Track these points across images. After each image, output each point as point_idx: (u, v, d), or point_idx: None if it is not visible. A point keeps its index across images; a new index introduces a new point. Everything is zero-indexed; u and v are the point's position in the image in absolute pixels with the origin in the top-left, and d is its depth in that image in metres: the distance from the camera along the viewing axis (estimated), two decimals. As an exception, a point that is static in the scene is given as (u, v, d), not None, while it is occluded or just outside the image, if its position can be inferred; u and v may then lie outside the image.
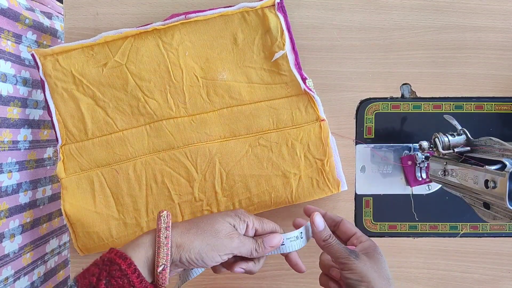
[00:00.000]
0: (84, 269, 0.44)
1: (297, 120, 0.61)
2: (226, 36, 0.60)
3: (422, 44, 0.63)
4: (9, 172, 0.62)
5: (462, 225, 0.65)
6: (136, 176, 0.61)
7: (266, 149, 0.61)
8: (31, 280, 0.67)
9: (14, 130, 0.63)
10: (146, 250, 0.45)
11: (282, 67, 0.60)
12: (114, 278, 0.41)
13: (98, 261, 0.44)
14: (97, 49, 0.60)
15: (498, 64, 0.63)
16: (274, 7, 0.59)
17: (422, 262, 0.65)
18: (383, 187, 0.65)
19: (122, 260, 0.42)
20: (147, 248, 0.45)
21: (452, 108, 0.64)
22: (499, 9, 0.63)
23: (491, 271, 0.65)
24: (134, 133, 0.61)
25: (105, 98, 0.61)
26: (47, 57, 0.60)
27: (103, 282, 0.41)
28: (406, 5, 0.63)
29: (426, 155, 0.63)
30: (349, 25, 0.63)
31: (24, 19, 0.63)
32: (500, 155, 0.52)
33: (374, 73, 0.64)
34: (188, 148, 0.61)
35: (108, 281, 0.41)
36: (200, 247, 0.46)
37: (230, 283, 0.65)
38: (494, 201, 0.50)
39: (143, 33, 0.59)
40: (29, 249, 0.67)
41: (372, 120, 0.64)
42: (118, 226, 0.62)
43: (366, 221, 0.65)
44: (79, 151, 0.61)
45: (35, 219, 0.69)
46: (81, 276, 0.43)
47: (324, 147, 0.61)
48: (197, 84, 0.60)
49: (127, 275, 0.42)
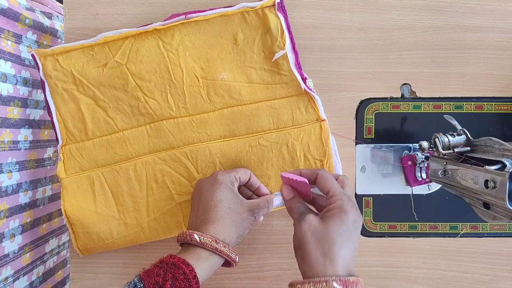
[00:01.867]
0: (147, 269, 0.49)
1: (298, 120, 0.61)
2: (226, 36, 0.60)
3: (422, 44, 0.63)
4: (9, 172, 0.62)
5: (462, 225, 0.65)
6: (136, 176, 0.61)
7: (266, 149, 0.61)
8: (30, 280, 0.67)
9: (15, 130, 0.63)
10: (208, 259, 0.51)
11: (282, 67, 0.60)
12: (178, 281, 0.47)
13: (160, 264, 0.48)
14: (97, 49, 0.60)
15: (498, 64, 0.63)
16: (274, 7, 0.59)
17: (422, 262, 0.65)
18: (383, 187, 0.65)
19: (185, 266, 0.48)
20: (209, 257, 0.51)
21: (452, 108, 0.64)
22: (499, 9, 0.63)
23: (491, 271, 0.65)
24: (135, 133, 0.61)
25: (105, 98, 0.61)
26: (47, 57, 0.60)
27: (169, 282, 0.46)
28: (406, 5, 0.63)
29: (426, 155, 0.63)
30: (349, 25, 0.63)
31: (24, 19, 0.63)
32: (500, 155, 0.52)
33: (374, 73, 0.64)
34: (188, 148, 0.61)
35: (173, 282, 0.46)
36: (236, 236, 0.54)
37: (230, 283, 0.65)
38: (494, 201, 0.50)
39: (143, 33, 0.59)
40: (28, 249, 0.67)
41: (372, 120, 0.64)
42: (119, 226, 0.62)
43: (366, 221, 0.65)
44: (79, 151, 0.61)
45: (35, 219, 0.69)
46: (145, 275, 0.47)
47: (324, 147, 0.61)
48: (197, 84, 0.60)
49: (189, 280, 0.47)
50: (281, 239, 0.65)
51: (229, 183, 0.55)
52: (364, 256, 0.65)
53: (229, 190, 0.54)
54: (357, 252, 0.49)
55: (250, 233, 0.64)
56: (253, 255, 0.65)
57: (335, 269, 0.46)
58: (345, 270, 0.46)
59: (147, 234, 0.62)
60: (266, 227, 0.65)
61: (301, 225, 0.49)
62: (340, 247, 0.47)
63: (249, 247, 0.65)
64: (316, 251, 0.47)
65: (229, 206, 0.53)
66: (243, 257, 0.65)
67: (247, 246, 0.65)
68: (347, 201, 0.49)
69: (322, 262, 0.46)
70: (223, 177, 0.55)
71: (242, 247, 0.65)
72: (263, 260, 0.65)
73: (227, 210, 0.53)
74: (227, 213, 0.53)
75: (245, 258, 0.65)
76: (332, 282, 0.45)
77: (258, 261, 0.65)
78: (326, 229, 0.48)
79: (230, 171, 0.57)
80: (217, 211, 0.52)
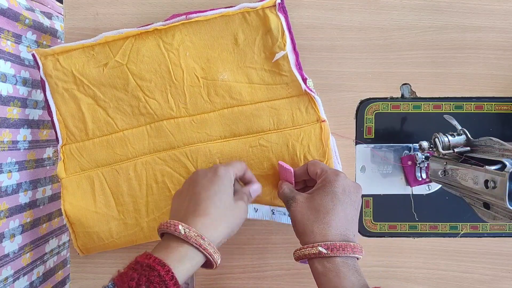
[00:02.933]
0: (121, 272, 0.45)
1: (298, 121, 0.61)
2: (227, 37, 0.60)
3: (422, 44, 0.63)
4: (9, 172, 0.62)
5: (462, 225, 0.65)
6: (136, 176, 0.61)
7: (266, 149, 0.61)
8: (30, 280, 0.67)
9: (14, 130, 0.63)
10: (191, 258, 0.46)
11: (283, 68, 0.60)
12: (153, 284, 0.42)
13: (135, 266, 0.45)
14: (98, 49, 0.60)
15: (498, 64, 0.63)
16: (275, 7, 0.59)
17: (422, 262, 0.65)
18: (383, 187, 0.65)
19: (161, 267, 0.43)
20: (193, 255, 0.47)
21: (452, 108, 0.64)
22: (499, 9, 0.63)
23: (491, 271, 0.65)
24: (135, 133, 0.61)
25: (106, 98, 0.61)
26: (47, 57, 0.60)
27: (143, 287, 0.42)
28: (406, 5, 0.63)
29: (426, 155, 0.63)
30: (349, 25, 0.63)
31: (24, 19, 0.63)
32: (500, 155, 0.52)
33: (374, 73, 0.64)
34: (188, 148, 0.61)
35: (148, 286, 0.42)
36: (227, 232, 0.50)
37: (230, 283, 0.65)
38: (494, 201, 0.50)
39: (144, 33, 0.59)
40: (28, 249, 0.67)
41: (372, 120, 0.64)
42: (118, 226, 0.62)
43: (366, 221, 0.65)
44: (79, 151, 0.61)
45: (35, 219, 0.69)
46: (119, 279, 0.44)
47: (324, 148, 0.61)
48: (198, 84, 0.60)
49: (166, 282, 0.43)
50: (281, 239, 0.65)
51: (229, 179, 0.52)
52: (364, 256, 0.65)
53: (228, 186, 0.51)
54: (357, 220, 0.52)
55: (250, 233, 0.64)
56: (253, 255, 0.65)
57: (324, 236, 0.48)
58: (338, 236, 0.49)
59: (146, 234, 0.62)
60: (266, 227, 0.65)
61: (291, 206, 0.52)
62: (327, 215, 0.50)
63: (249, 247, 0.65)
64: (306, 222, 0.50)
65: (223, 201, 0.50)
66: (243, 257, 0.65)
67: (247, 246, 0.65)
68: (332, 173, 0.52)
69: (310, 231, 0.49)
70: (224, 172, 0.52)
71: (242, 247, 0.65)
72: (263, 260, 0.65)
73: (220, 205, 0.49)
74: (219, 209, 0.49)
75: (245, 258, 0.65)
76: (317, 247, 0.48)
77: (258, 261, 0.65)
78: (312, 202, 0.51)
79: (230, 167, 0.53)
80: (209, 204, 0.48)
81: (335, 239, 0.48)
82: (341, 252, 0.47)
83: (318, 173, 0.54)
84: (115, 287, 0.43)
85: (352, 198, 0.51)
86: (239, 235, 0.64)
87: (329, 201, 0.50)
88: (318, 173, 0.54)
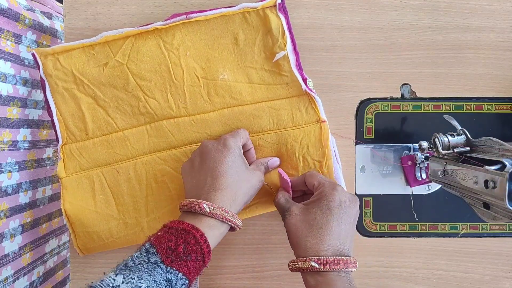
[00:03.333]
0: (157, 235, 0.47)
1: (298, 121, 0.61)
2: (227, 36, 0.60)
3: (422, 44, 0.63)
4: (9, 172, 0.62)
5: (462, 225, 0.65)
6: (136, 176, 0.61)
7: (266, 149, 0.61)
8: (30, 280, 0.67)
9: (14, 130, 0.63)
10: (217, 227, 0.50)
11: (283, 68, 0.60)
12: (189, 245, 0.46)
13: (170, 230, 0.47)
14: (98, 48, 0.60)
15: (498, 64, 0.64)
16: (275, 7, 0.59)
17: (422, 262, 0.65)
18: (383, 187, 0.65)
19: (195, 231, 0.47)
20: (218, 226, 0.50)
21: (452, 108, 0.64)
22: (499, 9, 0.63)
23: (491, 271, 0.65)
24: (135, 133, 0.61)
25: (106, 97, 0.61)
26: (47, 56, 0.60)
27: (182, 247, 0.46)
28: (406, 5, 0.63)
29: (426, 155, 0.63)
30: (349, 25, 0.63)
31: (24, 19, 0.63)
32: (500, 155, 0.52)
33: (374, 73, 0.64)
34: (188, 148, 0.61)
35: (185, 247, 0.46)
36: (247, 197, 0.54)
37: (230, 283, 0.65)
38: (494, 201, 0.50)
39: (144, 33, 0.59)
40: (28, 249, 0.67)
41: (372, 120, 0.64)
42: (118, 226, 0.62)
43: (366, 221, 0.65)
44: (79, 150, 0.61)
45: (35, 219, 0.69)
46: (157, 240, 0.47)
47: (323, 148, 0.61)
48: (198, 84, 0.60)
49: (200, 244, 0.47)
50: (281, 239, 0.65)
51: (238, 149, 0.54)
52: (364, 256, 0.65)
53: (239, 156, 0.54)
54: (352, 234, 0.52)
55: (250, 233, 0.65)
56: (253, 255, 0.65)
57: (317, 251, 0.49)
58: (331, 251, 0.49)
59: (146, 234, 0.62)
60: (266, 227, 0.65)
61: (286, 217, 0.53)
62: (321, 230, 0.50)
63: (249, 247, 0.65)
64: (300, 236, 0.50)
65: (239, 173, 0.52)
66: (243, 257, 0.65)
67: (247, 246, 0.65)
68: (329, 187, 0.52)
69: (304, 245, 0.50)
70: (233, 143, 0.54)
71: (242, 247, 0.65)
72: (263, 260, 0.65)
73: (236, 178, 0.52)
74: (236, 181, 0.52)
75: (245, 258, 0.65)
76: (310, 262, 0.48)
77: (258, 261, 0.65)
78: (307, 215, 0.51)
79: (236, 136, 0.56)
80: (226, 178, 0.51)
81: (328, 254, 0.49)
82: (333, 267, 0.48)
83: (315, 185, 0.54)
84: (152, 247, 0.46)
85: (348, 212, 0.51)
86: (239, 235, 0.64)
87: (324, 216, 0.50)
88: (315, 185, 0.54)
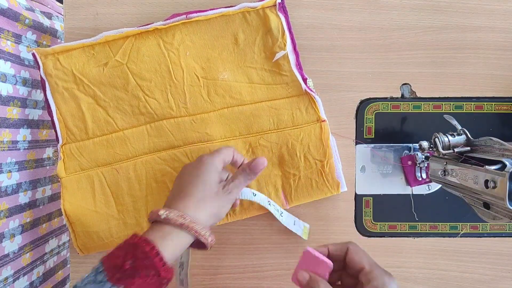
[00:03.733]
0: (109, 253, 0.47)
1: (298, 121, 0.61)
2: (227, 36, 0.60)
3: (422, 44, 0.63)
4: (9, 172, 0.62)
5: (462, 225, 0.65)
6: (136, 176, 0.61)
7: (266, 149, 0.61)
8: (30, 280, 0.67)
9: (14, 130, 0.63)
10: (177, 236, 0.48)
11: (283, 68, 0.60)
12: (138, 260, 0.44)
13: (123, 245, 0.47)
14: (98, 48, 0.60)
15: (498, 64, 0.64)
16: (275, 7, 0.59)
17: (422, 262, 0.65)
18: (383, 187, 0.65)
19: (145, 244, 0.45)
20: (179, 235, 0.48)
21: (452, 108, 0.64)
22: (499, 9, 0.63)
23: (491, 271, 0.65)
24: (135, 133, 0.61)
25: (106, 97, 0.61)
26: (48, 56, 0.60)
27: (129, 262, 0.44)
28: (406, 5, 0.63)
29: (426, 155, 0.63)
30: (349, 25, 0.63)
31: (24, 19, 0.63)
32: (500, 155, 0.52)
33: (374, 73, 0.64)
34: (188, 148, 0.61)
35: (133, 262, 0.44)
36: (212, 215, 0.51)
37: (230, 283, 0.65)
38: (494, 201, 0.50)
39: (144, 33, 0.59)
40: (28, 249, 0.67)
41: (372, 120, 0.64)
42: (118, 226, 0.62)
43: (366, 221, 0.65)
44: (79, 150, 0.61)
45: (35, 219, 0.69)
46: (106, 259, 0.46)
47: (324, 148, 0.61)
48: (198, 84, 0.60)
49: (151, 258, 0.45)
50: (281, 239, 0.65)
51: (212, 165, 0.52)
52: (364, 256, 0.65)
53: (211, 171, 0.52)
54: None
55: (250, 233, 0.64)
56: (253, 255, 0.65)
57: None
58: None
59: (147, 234, 0.62)
60: (266, 227, 0.65)
61: None
62: None
63: (249, 247, 0.65)
64: None
65: (206, 184, 0.51)
66: (243, 257, 0.65)
67: (247, 246, 0.65)
68: (388, 278, 0.45)
69: None
70: (207, 159, 0.52)
71: (242, 247, 0.65)
72: (263, 260, 0.65)
73: (203, 188, 0.50)
74: (202, 191, 0.50)
75: (245, 258, 0.65)
76: None
77: (258, 261, 0.65)
78: None
79: (215, 154, 0.54)
80: (191, 188, 0.50)
81: None
82: None
83: (367, 271, 0.46)
84: (102, 265, 0.45)
85: None
86: (239, 235, 0.64)
87: None
88: (367, 270, 0.46)
